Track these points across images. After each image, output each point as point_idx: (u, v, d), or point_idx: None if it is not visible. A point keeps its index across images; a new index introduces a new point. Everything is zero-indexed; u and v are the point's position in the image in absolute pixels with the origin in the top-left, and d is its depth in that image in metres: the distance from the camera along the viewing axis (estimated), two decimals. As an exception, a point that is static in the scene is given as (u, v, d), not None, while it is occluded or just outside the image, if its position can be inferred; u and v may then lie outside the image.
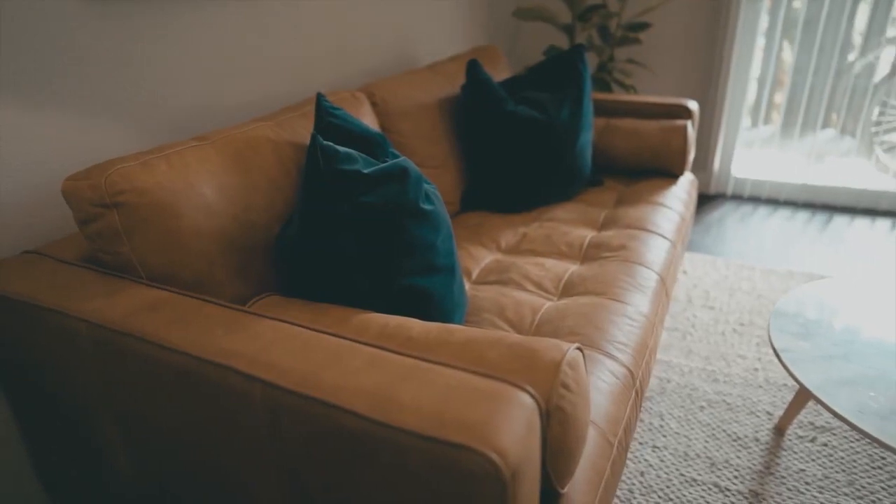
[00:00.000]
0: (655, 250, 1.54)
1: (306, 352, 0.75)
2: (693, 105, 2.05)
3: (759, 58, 2.82)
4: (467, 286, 1.43)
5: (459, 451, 0.61)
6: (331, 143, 0.93)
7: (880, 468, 1.41)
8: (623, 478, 1.41)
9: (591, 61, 3.07)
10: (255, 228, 1.10)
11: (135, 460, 0.94)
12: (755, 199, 2.99)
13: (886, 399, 1.11)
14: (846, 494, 1.35)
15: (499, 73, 2.12)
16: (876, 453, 1.45)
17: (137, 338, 0.82)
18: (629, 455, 1.47)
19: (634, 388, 1.11)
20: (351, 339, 0.78)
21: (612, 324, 1.20)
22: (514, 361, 0.76)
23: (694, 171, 3.05)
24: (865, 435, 1.04)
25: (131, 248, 0.96)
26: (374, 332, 0.86)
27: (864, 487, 1.37)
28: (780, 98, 2.87)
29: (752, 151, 3.02)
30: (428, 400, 0.66)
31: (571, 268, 1.47)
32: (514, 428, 0.63)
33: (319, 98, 1.22)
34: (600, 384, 1.04)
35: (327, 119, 1.19)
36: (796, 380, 1.19)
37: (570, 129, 1.76)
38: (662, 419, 1.59)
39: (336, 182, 0.92)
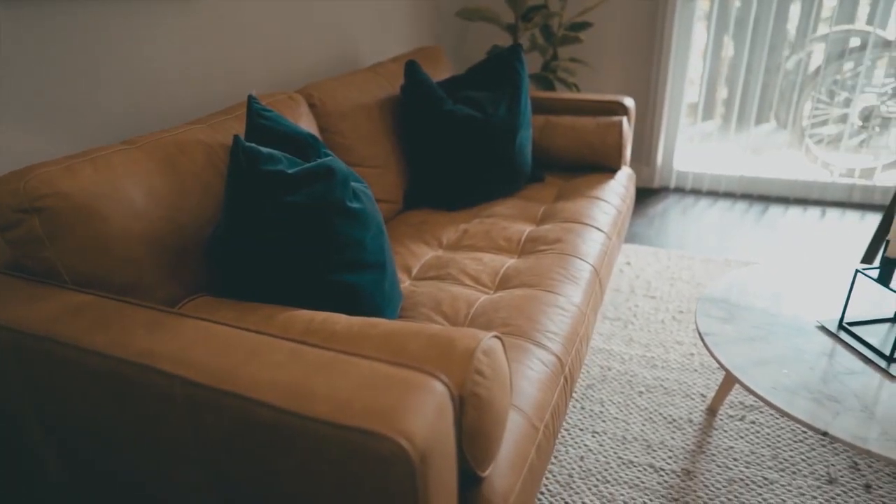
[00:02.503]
0: (590, 243, 1.59)
1: (227, 349, 0.77)
2: (629, 102, 2.12)
3: (698, 56, 2.93)
4: (407, 283, 1.45)
5: (369, 436, 0.64)
6: (253, 145, 0.95)
7: (801, 441, 1.49)
8: (563, 463, 1.46)
9: (536, 61, 3.13)
10: (187, 231, 1.10)
11: (64, 462, 0.94)
12: (696, 192, 3.09)
13: (798, 375, 1.18)
14: (770, 468, 1.43)
15: (441, 73, 2.15)
16: (798, 428, 1.54)
17: (58, 342, 0.82)
18: (570, 441, 1.52)
19: (563, 375, 1.15)
20: (272, 336, 0.79)
21: (543, 314, 1.25)
22: (432, 351, 0.79)
23: (638, 165, 3.14)
24: (776, 409, 1.10)
25: (55, 253, 0.95)
26: (299, 328, 0.88)
27: (786, 460, 1.44)
28: (720, 94, 2.98)
29: (695, 146, 3.12)
30: (341, 390, 0.68)
31: (508, 262, 1.51)
32: (424, 413, 0.66)
33: (250, 100, 1.23)
34: (529, 372, 1.08)
35: (257, 121, 1.19)
36: (718, 361, 1.25)
37: (507, 127, 1.81)
38: (603, 405, 1.64)
39: (259, 183, 0.94)
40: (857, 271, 1.28)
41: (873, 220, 2.71)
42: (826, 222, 2.71)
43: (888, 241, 1.23)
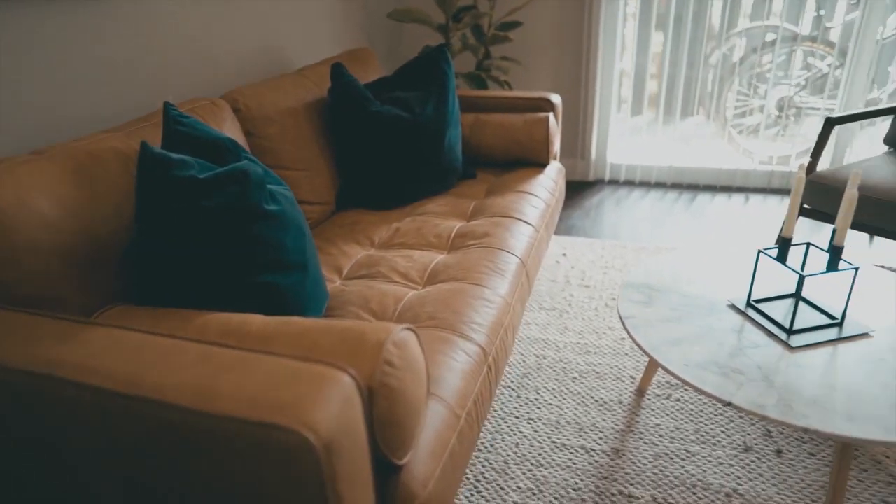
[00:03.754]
0: (518, 236, 1.64)
1: (136, 354, 0.77)
2: (555, 98, 2.18)
3: (629, 52, 3.03)
4: (338, 282, 1.47)
5: (274, 430, 0.66)
6: (163, 151, 0.95)
7: (721, 415, 1.58)
8: (499, 450, 1.50)
9: (470, 60, 3.18)
10: (103, 240, 1.09)
11: (-22, 485, 0.92)
12: (630, 183, 3.20)
13: (708, 352, 1.26)
14: (693, 441, 1.50)
15: (371, 74, 2.17)
16: (718, 402, 1.62)
17: (-38, 358, 0.80)
18: (506, 429, 1.56)
19: (487, 364, 1.19)
20: (184, 339, 0.80)
21: (468, 307, 1.28)
22: (343, 345, 0.81)
23: (574, 159, 3.23)
24: (687, 384, 1.17)
25: (-41, 268, 0.93)
26: (214, 330, 0.89)
27: (707, 433, 1.53)
28: (651, 89, 3.10)
29: (628, 139, 3.23)
30: (247, 387, 0.70)
31: (438, 257, 1.54)
32: (328, 405, 0.68)
33: (166, 107, 1.22)
34: (452, 363, 1.12)
35: (174, 127, 1.19)
36: (636, 342, 1.31)
37: (436, 126, 1.84)
38: (538, 393, 1.70)
39: (171, 189, 0.94)
40: (759, 252, 1.36)
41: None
42: (749, 207, 2.85)
43: (785, 221, 1.32)
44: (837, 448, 1.21)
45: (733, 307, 1.41)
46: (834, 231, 1.24)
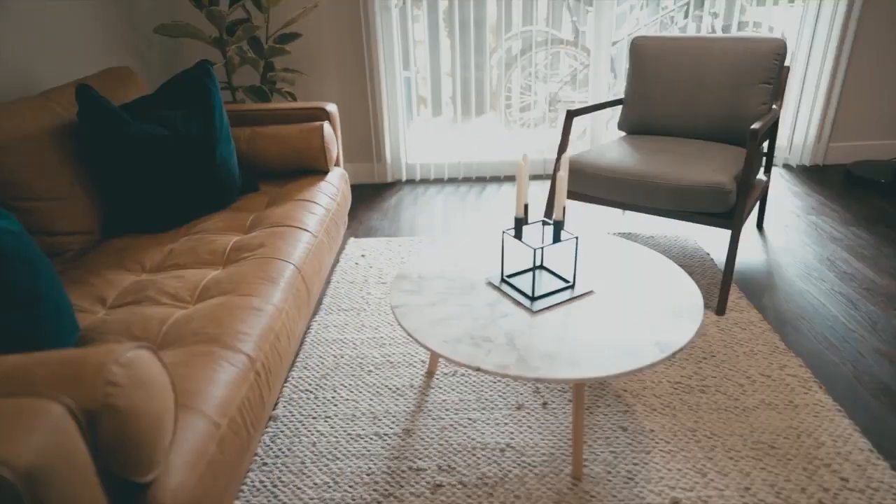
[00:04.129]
0: (294, 243, 1.69)
1: None
2: (331, 107, 2.26)
3: (421, 55, 3.20)
4: (101, 313, 1.40)
5: (-36, 471, 0.64)
6: None
7: (498, 382, 1.77)
8: (296, 453, 1.54)
9: (250, 73, 3.15)
10: None
11: None
12: (426, 181, 3.40)
13: (465, 326, 1.40)
14: (474, 409, 1.67)
15: (132, 94, 2.08)
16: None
17: None
18: (303, 431, 1.60)
19: (254, 370, 1.22)
20: None
21: (235, 318, 1.31)
22: (62, 373, 0.80)
23: (370, 163, 3.35)
24: (444, 357, 1.30)
25: None
26: (-87, 384, 0.82)
27: (487, 400, 1.70)
28: (445, 90, 3.30)
29: (423, 138, 3.42)
30: (-67, 434, 0.67)
31: (211, 274, 1.54)
32: (29, 437, 0.68)
33: None
34: (213, 375, 1.13)
35: None
36: (402, 327, 1.43)
37: (203, 143, 1.82)
38: (335, 391, 1.76)
39: None
40: (503, 232, 1.55)
41: (564, 187, 3.24)
42: (532, 194, 3.17)
43: (526, 204, 1.51)
44: (573, 390, 1.42)
45: (490, 284, 1.58)
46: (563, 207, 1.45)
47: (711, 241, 2.58)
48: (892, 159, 3.32)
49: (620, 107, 2.66)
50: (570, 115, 2.33)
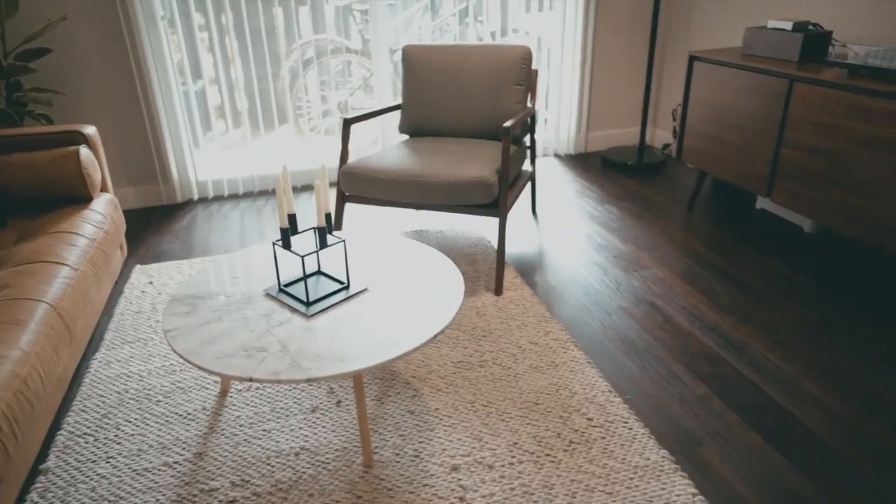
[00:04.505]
0: (48, 280, 1.57)
1: None
2: (89, 129, 2.11)
3: (208, 70, 3.07)
4: None
5: None
6: None
7: (293, 388, 1.80)
8: (74, 499, 1.44)
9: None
10: None
11: None
12: (220, 198, 3.29)
13: (239, 340, 1.42)
14: (269, 420, 1.68)
15: None
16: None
17: None
18: (81, 478, 1.50)
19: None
20: None
21: (-32, 369, 1.19)
22: None
23: (156, 185, 3.16)
24: (215, 374, 1.31)
25: None
26: None
27: (282, 409, 1.73)
28: (239, 104, 3.20)
29: (217, 154, 3.30)
30: None
31: (-58, 326, 1.38)
32: None
33: None
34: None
35: None
36: (174, 350, 1.40)
37: (-78, 180, 1.61)
38: (119, 429, 1.67)
39: None
40: (273, 243, 1.59)
41: (363, 191, 3.34)
42: (333, 203, 3.22)
43: (292, 214, 1.56)
44: (353, 383, 1.51)
45: (268, 295, 1.61)
46: (329, 216, 1.52)
47: (494, 230, 2.84)
48: (635, 145, 3.90)
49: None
50: (347, 123, 2.42)
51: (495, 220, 2.93)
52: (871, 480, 1.42)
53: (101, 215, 1.98)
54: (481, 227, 2.86)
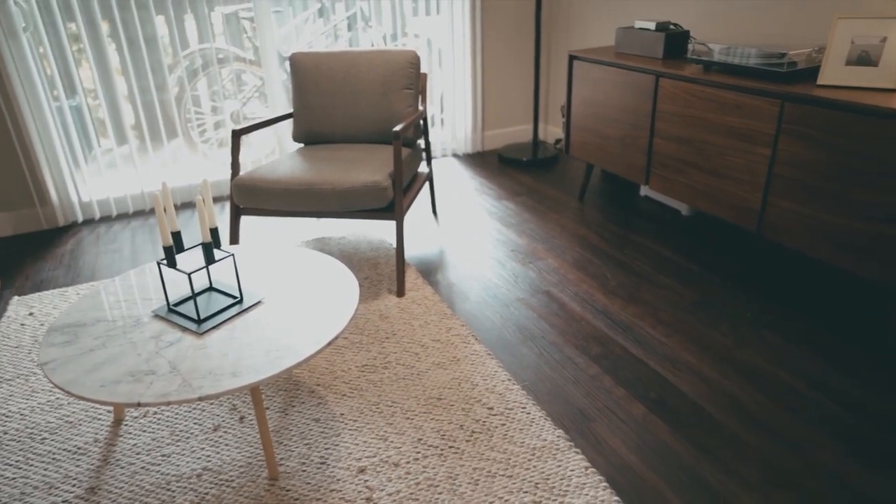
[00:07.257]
0: None
1: None
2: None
3: (88, 79, 2.88)
4: None
5: None
6: None
7: (193, 408, 1.76)
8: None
9: None
10: None
11: None
12: (108, 219, 3.13)
13: (126, 365, 1.37)
14: (169, 444, 1.63)
15: None
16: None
17: None
18: (-43, 530, 1.40)
19: None
20: None
21: None
22: None
23: (32, 208, 2.96)
24: (101, 402, 1.26)
25: None
26: None
27: (182, 431, 1.68)
28: (128, 117, 3.03)
29: (103, 170, 3.12)
30: None
31: None
32: None
33: None
34: None
35: None
36: (52, 382, 1.33)
37: None
38: None
39: None
40: (158, 263, 1.54)
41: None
42: (225, 214, 3.13)
43: (177, 231, 1.52)
44: (252, 397, 1.49)
45: (157, 317, 1.56)
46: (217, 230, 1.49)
47: (394, 233, 2.87)
48: (530, 141, 4.06)
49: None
50: (236, 134, 2.38)
51: (394, 224, 2.97)
52: (740, 437, 1.58)
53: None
54: (383, 232, 2.88)
